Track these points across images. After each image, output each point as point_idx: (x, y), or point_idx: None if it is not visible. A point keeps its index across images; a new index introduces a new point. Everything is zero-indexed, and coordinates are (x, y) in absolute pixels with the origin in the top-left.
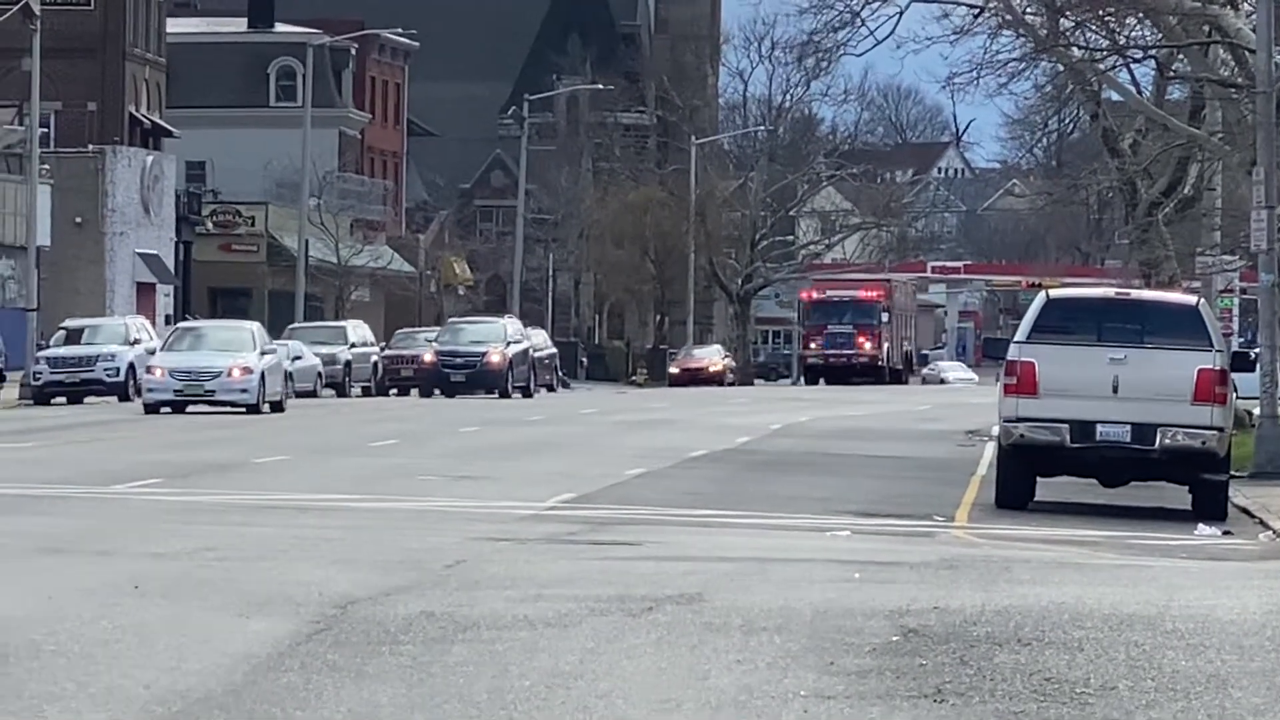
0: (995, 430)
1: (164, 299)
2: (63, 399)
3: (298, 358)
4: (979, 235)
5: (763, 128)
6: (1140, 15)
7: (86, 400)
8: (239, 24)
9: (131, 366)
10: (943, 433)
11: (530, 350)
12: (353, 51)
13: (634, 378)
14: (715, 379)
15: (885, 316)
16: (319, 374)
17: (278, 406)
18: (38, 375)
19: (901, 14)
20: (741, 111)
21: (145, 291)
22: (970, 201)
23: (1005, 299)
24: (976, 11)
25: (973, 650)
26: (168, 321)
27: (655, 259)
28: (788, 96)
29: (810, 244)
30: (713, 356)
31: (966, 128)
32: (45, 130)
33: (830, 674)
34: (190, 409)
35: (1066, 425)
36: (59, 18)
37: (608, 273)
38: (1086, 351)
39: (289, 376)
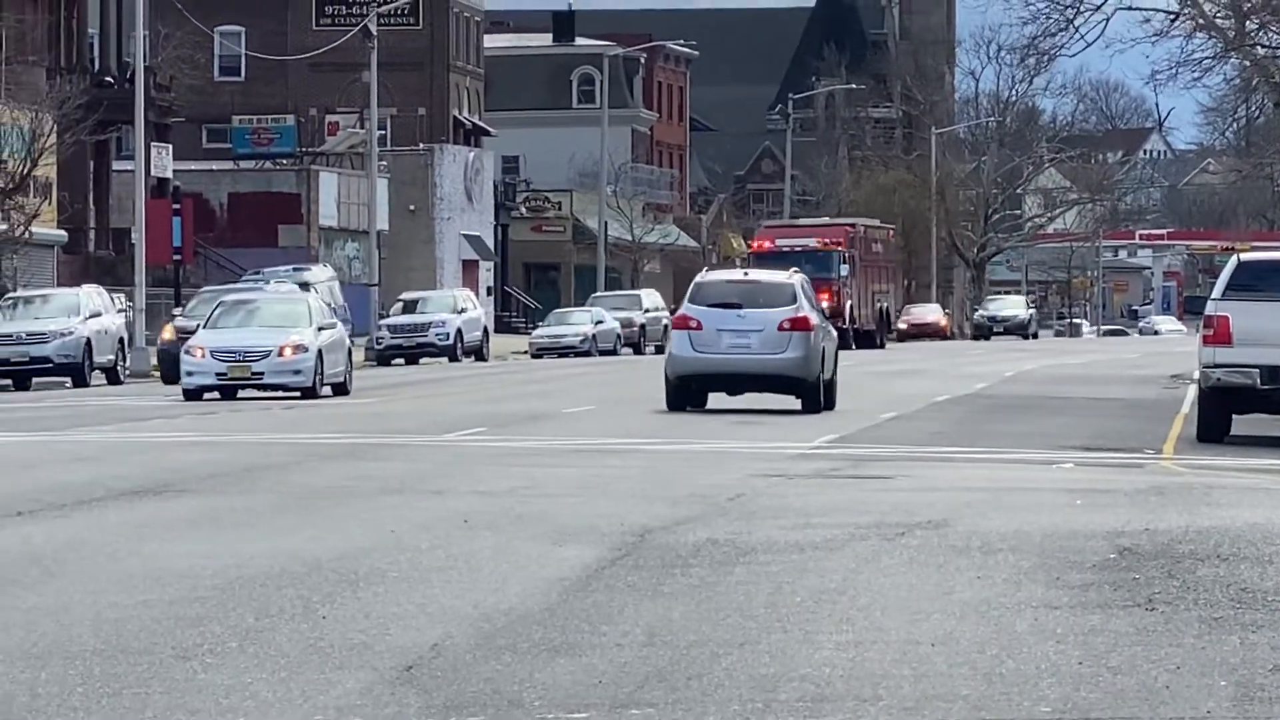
0: (1195, 375)
1: (485, 273)
2: (401, 360)
3: (599, 321)
4: (1180, 207)
5: (992, 118)
6: None
7: (421, 361)
8: (545, 39)
9: (459, 331)
10: (1150, 378)
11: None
12: (642, 60)
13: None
14: (939, 333)
15: (846, 269)
16: (618, 335)
17: (340, 389)
18: (380, 340)
19: (1108, 20)
20: (974, 105)
21: (469, 267)
22: (1171, 178)
23: (1203, 261)
24: (1173, 17)
25: (1178, 565)
26: (489, 293)
27: (903, 232)
28: (1013, 91)
29: (1035, 217)
30: (932, 314)
31: (1167, 115)
32: (383, 132)
33: (1057, 587)
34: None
35: (1257, 370)
36: (393, 36)
37: None
38: (1274, 306)
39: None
